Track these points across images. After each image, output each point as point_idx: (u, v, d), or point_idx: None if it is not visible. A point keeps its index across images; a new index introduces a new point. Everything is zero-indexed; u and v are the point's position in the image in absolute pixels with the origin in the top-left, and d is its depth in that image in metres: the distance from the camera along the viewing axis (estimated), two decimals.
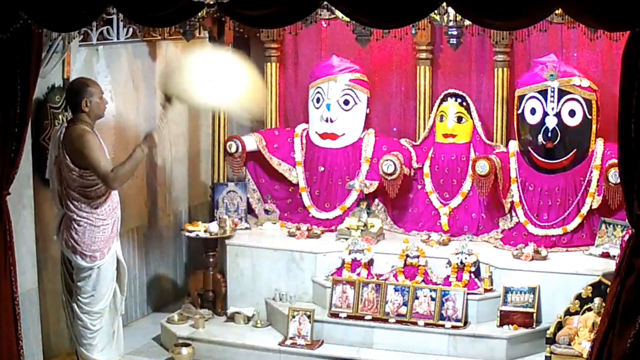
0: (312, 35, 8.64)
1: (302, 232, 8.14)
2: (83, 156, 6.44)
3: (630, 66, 5.13)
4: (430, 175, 8.30)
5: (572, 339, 6.81)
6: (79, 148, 6.45)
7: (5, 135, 5.92)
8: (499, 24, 5.47)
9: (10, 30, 5.75)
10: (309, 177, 8.56)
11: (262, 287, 7.92)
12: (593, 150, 7.72)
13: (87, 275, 6.60)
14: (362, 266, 7.60)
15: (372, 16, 5.42)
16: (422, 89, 8.42)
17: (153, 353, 7.71)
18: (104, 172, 6.45)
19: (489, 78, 8.23)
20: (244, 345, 7.47)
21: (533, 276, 7.29)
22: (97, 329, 6.69)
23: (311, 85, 8.53)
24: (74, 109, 6.59)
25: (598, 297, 6.88)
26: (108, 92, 7.78)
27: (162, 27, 6.29)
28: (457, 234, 8.07)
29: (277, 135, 8.68)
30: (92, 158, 6.44)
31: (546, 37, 7.83)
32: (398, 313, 7.34)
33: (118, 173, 6.50)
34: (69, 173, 6.50)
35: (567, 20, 6.10)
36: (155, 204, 8.62)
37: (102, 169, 6.45)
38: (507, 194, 7.94)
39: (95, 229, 6.56)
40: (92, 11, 5.77)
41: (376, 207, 8.35)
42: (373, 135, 8.41)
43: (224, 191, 8.51)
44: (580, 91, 7.64)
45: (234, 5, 5.51)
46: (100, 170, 6.44)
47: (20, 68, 5.90)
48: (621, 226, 7.46)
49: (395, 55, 8.55)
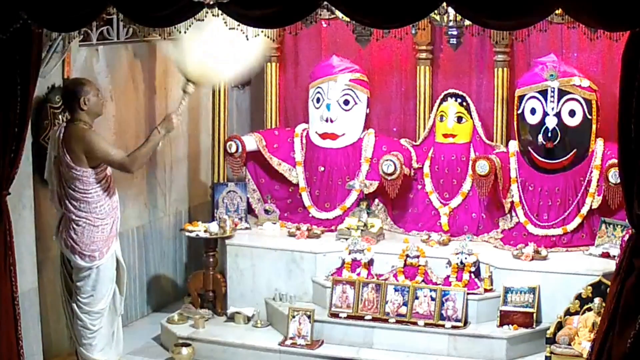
0: (312, 35, 8.64)
1: (302, 232, 8.14)
2: (93, 153, 6.48)
3: (630, 66, 5.13)
4: (430, 175, 8.30)
5: (572, 339, 6.81)
6: (86, 147, 6.47)
7: (5, 135, 5.92)
8: (499, 24, 5.46)
9: (10, 30, 5.74)
10: (309, 177, 8.56)
11: (262, 287, 7.92)
12: (593, 150, 7.71)
13: (86, 275, 6.61)
14: (362, 266, 7.60)
15: (372, 16, 5.42)
16: (422, 89, 8.41)
17: (153, 353, 7.71)
18: (119, 160, 6.55)
19: (489, 78, 8.23)
20: (244, 345, 7.47)
21: (533, 276, 7.29)
22: (96, 329, 6.69)
23: (311, 85, 8.53)
24: (72, 109, 6.60)
25: (598, 297, 6.88)
26: (108, 92, 7.79)
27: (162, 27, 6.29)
28: (457, 234, 8.07)
29: (277, 135, 8.68)
30: (103, 151, 6.52)
31: (546, 37, 7.82)
32: (398, 313, 7.34)
33: (135, 156, 6.61)
34: (68, 172, 6.51)
35: (567, 20, 6.08)
36: (155, 204, 8.63)
37: (117, 158, 6.55)
38: (507, 194, 7.94)
39: (94, 228, 6.56)
40: (92, 11, 5.77)
41: (376, 207, 8.35)
42: (373, 135, 8.41)
43: (224, 191, 8.52)
44: (580, 91, 7.64)
45: (234, 5, 5.51)
46: (115, 160, 6.54)
47: (20, 68, 5.90)
48: (621, 226, 7.46)
49: (395, 55, 8.55)
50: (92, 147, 6.49)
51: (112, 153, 6.57)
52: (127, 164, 6.59)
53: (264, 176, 8.70)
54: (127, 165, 6.59)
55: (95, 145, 6.50)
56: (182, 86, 7.01)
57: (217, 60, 6.88)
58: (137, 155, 6.65)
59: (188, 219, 8.86)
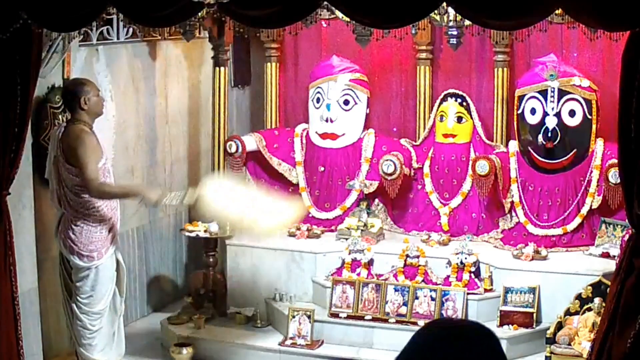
0: (312, 35, 8.64)
1: (302, 232, 8.14)
2: (75, 154, 6.41)
3: (630, 66, 5.13)
4: (430, 175, 8.30)
5: (572, 339, 6.81)
6: (73, 146, 6.43)
7: (5, 135, 5.91)
8: (499, 24, 5.47)
9: (10, 30, 5.74)
10: (309, 177, 8.56)
11: (262, 287, 7.92)
12: (593, 150, 7.71)
13: (85, 275, 6.60)
14: (362, 266, 7.60)
15: (372, 16, 5.42)
16: (422, 89, 8.41)
17: (153, 353, 7.71)
18: (88, 176, 6.39)
19: (489, 78, 8.22)
20: (244, 345, 7.47)
21: (533, 276, 7.29)
22: (96, 330, 6.69)
23: (311, 85, 8.53)
24: (72, 108, 6.59)
25: (598, 297, 6.88)
26: (108, 92, 7.79)
27: (162, 27, 6.30)
28: (457, 234, 8.07)
29: (277, 135, 8.68)
30: (83, 159, 6.40)
31: (546, 37, 7.82)
32: (398, 313, 7.34)
33: (105, 189, 6.52)
34: (66, 172, 6.50)
35: (567, 20, 6.10)
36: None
37: (89, 173, 6.40)
38: (507, 194, 7.94)
39: (92, 229, 6.55)
40: (92, 11, 5.77)
41: (376, 207, 8.35)
42: (373, 135, 8.41)
43: None
44: (580, 91, 7.64)
45: (234, 5, 5.51)
46: (87, 173, 6.39)
47: (20, 68, 5.89)
48: (621, 226, 7.45)
49: (395, 55, 8.55)
50: (77, 149, 6.41)
51: (89, 168, 6.41)
52: (92, 186, 6.41)
53: (264, 176, 8.69)
54: (91, 186, 6.41)
55: (82, 149, 6.41)
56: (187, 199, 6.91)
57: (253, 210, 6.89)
58: (108, 190, 6.55)
59: (188, 219, 8.86)
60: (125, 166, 8.12)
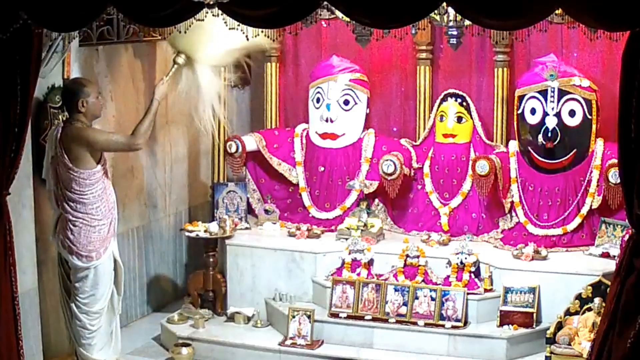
0: (312, 35, 8.64)
1: (302, 232, 8.14)
2: (96, 146, 6.53)
3: (630, 66, 5.13)
4: (430, 175, 8.30)
5: (572, 339, 6.81)
6: (87, 143, 6.47)
7: (5, 135, 5.92)
8: (499, 24, 5.46)
9: (10, 30, 5.74)
10: (309, 177, 8.56)
11: (262, 287, 7.92)
12: (593, 150, 7.71)
13: (84, 275, 6.61)
14: (362, 266, 7.60)
15: (372, 16, 5.42)
16: (422, 89, 8.41)
17: (153, 353, 7.71)
18: (124, 141, 6.68)
19: (489, 78, 8.23)
20: (244, 345, 7.47)
21: (533, 276, 7.29)
22: (95, 329, 6.70)
23: (311, 85, 8.53)
24: (70, 109, 6.60)
25: (598, 297, 6.88)
26: (108, 92, 7.79)
27: (162, 27, 6.31)
28: (457, 234, 8.07)
29: (277, 135, 8.68)
30: (104, 141, 6.61)
31: (546, 37, 7.82)
32: (398, 313, 7.34)
33: (139, 130, 6.70)
34: (65, 173, 6.50)
35: (567, 20, 6.08)
36: (155, 204, 8.62)
37: (121, 140, 6.68)
38: (507, 194, 7.94)
39: (90, 229, 6.56)
40: (92, 11, 5.77)
41: (376, 207, 8.35)
42: (373, 135, 8.41)
43: (224, 191, 8.52)
44: (580, 91, 7.64)
45: (234, 5, 5.51)
46: (120, 142, 6.67)
47: (20, 68, 5.90)
48: (621, 226, 7.46)
49: (395, 55, 8.55)
50: (92, 140, 6.50)
51: (114, 138, 6.69)
52: (133, 141, 6.69)
53: (264, 176, 8.70)
54: (133, 142, 6.69)
55: (95, 138, 6.53)
56: (173, 57, 7.28)
57: (210, 39, 7.21)
58: (141, 129, 6.73)
59: (188, 219, 8.86)
60: (125, 166, 8.12)
